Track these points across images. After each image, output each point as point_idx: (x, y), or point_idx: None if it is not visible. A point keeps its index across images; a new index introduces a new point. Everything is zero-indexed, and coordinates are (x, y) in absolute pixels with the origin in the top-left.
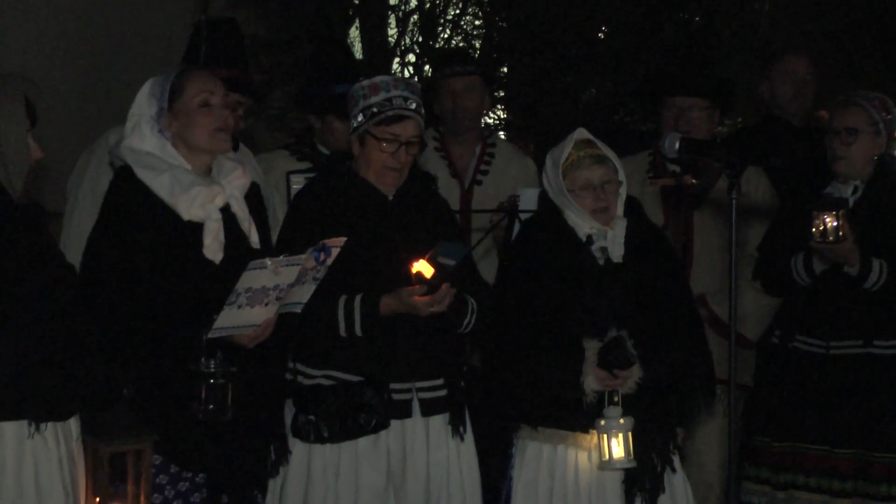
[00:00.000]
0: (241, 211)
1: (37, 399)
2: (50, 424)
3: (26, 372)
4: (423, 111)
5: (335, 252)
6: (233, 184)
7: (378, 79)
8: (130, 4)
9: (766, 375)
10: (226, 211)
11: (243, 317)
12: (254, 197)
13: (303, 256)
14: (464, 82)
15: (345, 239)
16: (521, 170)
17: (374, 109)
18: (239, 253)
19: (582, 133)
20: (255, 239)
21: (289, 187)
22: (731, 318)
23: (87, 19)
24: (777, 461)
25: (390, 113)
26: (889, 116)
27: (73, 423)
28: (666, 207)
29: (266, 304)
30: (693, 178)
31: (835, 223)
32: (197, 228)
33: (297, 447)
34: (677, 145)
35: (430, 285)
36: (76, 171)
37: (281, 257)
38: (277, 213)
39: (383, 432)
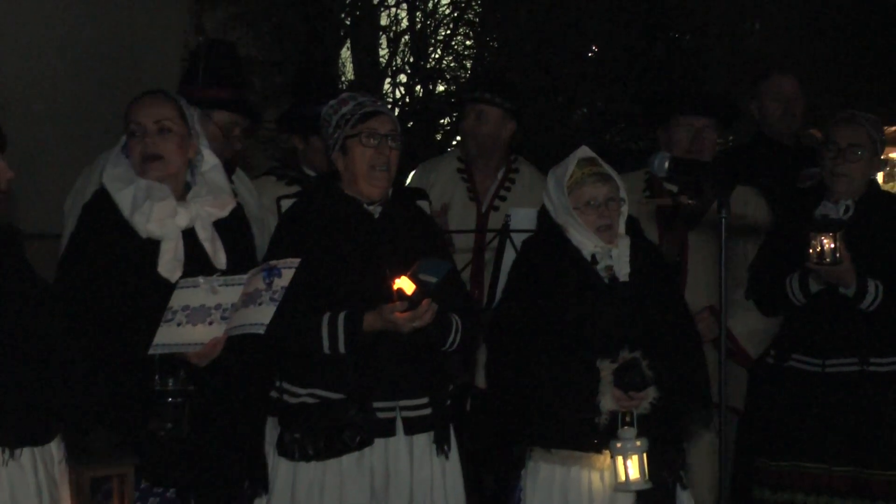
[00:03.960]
0: (204, 232)
1: (11, 424)
2: (27, 449)
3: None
4: (392, 115)
5: (288, 273)
6: (203, 207)
7: (343, 94)
8: (127, 25)
9: (761, 395)
10: (191, 232)
11: (186, 335)
12: (234, 220)
13: (244, 277)
14: (479, 109)
15: (298, 260)
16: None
17: (348, 116)
18: (199, 273)
19: (585, 151)
20: (221, 261)
21: (280, 213)
22: (721, 335)
23: (85, 40)
24: (775, 481)
25: (363, 111)
26: (883, 137)
27: (55, 447)
28: (661, 226)
29: (210, 324)
30: (689, 199)
31: (832, 245)
32: (156, 246)
33: (283, 465)
34: (667, 165)
35: (412, 301)
36: (73, 193)
37: (214, 276)
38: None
39: (367, 451)
